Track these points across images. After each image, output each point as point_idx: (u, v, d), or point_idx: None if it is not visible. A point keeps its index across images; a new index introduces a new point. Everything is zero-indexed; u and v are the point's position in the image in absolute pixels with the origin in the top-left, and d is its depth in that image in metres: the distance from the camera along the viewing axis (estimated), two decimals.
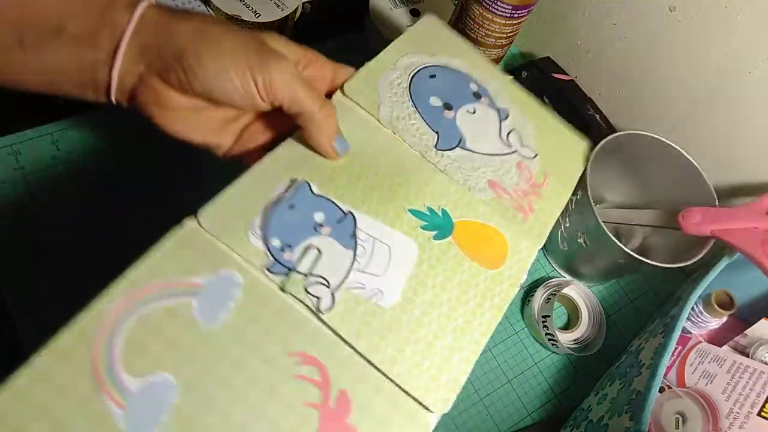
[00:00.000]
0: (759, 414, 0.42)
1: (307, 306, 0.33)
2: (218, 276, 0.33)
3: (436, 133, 0.43)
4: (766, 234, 0.44)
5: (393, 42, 0.47)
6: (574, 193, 0.51)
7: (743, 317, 0.53)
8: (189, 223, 0.34)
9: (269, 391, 0.30)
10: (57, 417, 0.27)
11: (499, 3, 0.50)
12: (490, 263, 0.39)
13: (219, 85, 0.34)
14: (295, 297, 0.33)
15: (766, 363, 0.46)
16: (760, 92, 0.49)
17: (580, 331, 0.55)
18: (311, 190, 0.36)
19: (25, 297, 0.45)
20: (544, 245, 0.58)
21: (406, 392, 0.33)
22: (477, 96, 0.47)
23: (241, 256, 0.33)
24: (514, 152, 0.46)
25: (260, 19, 0.59)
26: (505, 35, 0.54)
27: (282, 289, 0.33)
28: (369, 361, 0.33)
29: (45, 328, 0.45)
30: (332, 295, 0.33)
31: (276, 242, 0.33)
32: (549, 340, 0.52)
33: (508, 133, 0.46)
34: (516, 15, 0.51)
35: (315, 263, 0.33)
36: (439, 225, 0.39)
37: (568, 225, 0.53)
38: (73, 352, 0.28)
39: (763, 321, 0.49)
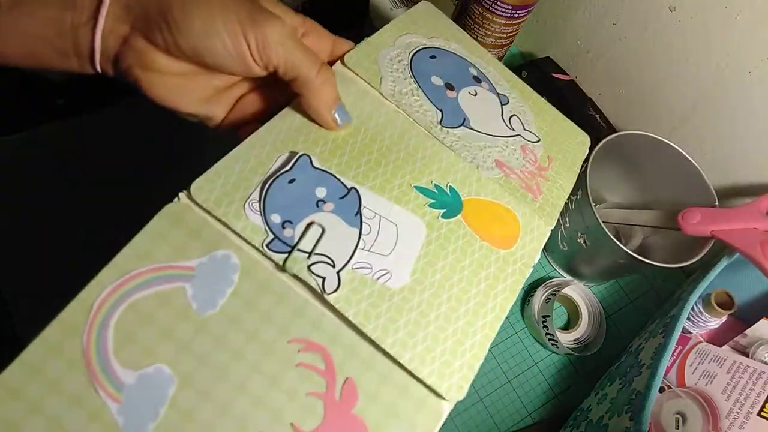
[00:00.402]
0: (759, 414, 0.42)
1: (310, 288, 0.30)
2: (213, 258, 0.31)
3: (440, 110, 0.41)
4: (765, 234, 0.44)
5: (390, 22, 0.45)
6: (574, 193, 0.51)
7: (743, 317, 0.53)
8: (179, 199, 0.32)
9: (271, 381, 0.28)
10: (51, 412, 0.26)
11: (499, 3, 0.50)
12: (502, 243, 0.37)
13: (208, 45, 0.31)
14: (297, 278, 0.30)
15: (766, 363, 0.46)
16: (760, 92, 0.49)
17: (580, 331, 0.55)
18: (312, 164, 0.33)
19: (25, 296, 0.45)
20: (545, 245, 0.58)
21: (419, 379, 0.31)
22: (477, 80, 0.45)
23: (237, 234, 0.31)
24: (517, 135, 0.44)
25: None
26: (505, 35, 0.54)
27: (283, 269, 0.30)
28: (378, 347, 0.31)
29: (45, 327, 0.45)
30: (338, 275, 0.31)
31: (276, 218, 0.31)
32: (549, 340, 0.52)
33: (510, 118, 0.45)
34: (516, 15, 0.51)
35: (318, 241, 0.31)
36: (448, 203, 0.37)
37: (568, 225, 0.53)
38: (63, 345, 0.27)
39: (763, 321, 0.49)
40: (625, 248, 0.47)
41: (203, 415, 0.27)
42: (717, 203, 0.50)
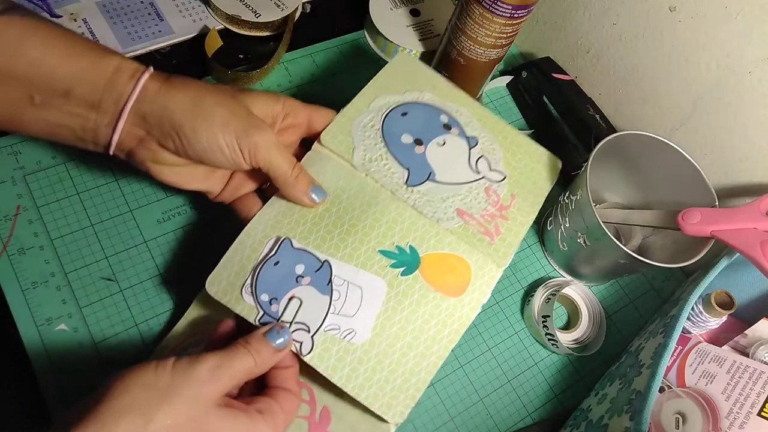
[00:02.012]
0: (759, 414, 0.42)
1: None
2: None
3: (407, 169, 0.47)
4: (765, 234, 0.44)
5: (368, 84, 0.50)
6: (574, 193, 0.51)
7: (743, 317, 0.53)
8: (203, 292, 0.43)
9: None
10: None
11: (499, 3, 0.50)
12: (453, 291, 0.44)
13: (211, 154, 0.39)
14: None
15: (766, 363, 0.46)
16: (760, 92, 0.49)
17: (580, 331, 0.55)
18: (292, 245, 0.42)
19: (26, 296, 0.45)
20: (544, 245, 0.59)
21: (373, 411, 0.41)
22: (447, 127, 0.50)
23: (238, 315, 0.41)
24: (482, 178, 0.49)
25: (260, 19, 0.59)
26: (505, 35, 0.54)
27: None
28: (345, 389, 0.41)
29: (45, 328, 0.45)
30: (312, 338, 0.39)
31: (265, 297, 0.40)
32: (549, 340, 0.52)
33: (477, 160, 0.50)
34: (516, 15, 0.51)
35: (297, 312, 0.40)
36: (407, 261, 0.44)
37: (568, 225, 0.53)
38: None
39: (763, 321, 0.49)
40: (625, 248, 0.47)
41: None
42: (717, 203, 0.50)
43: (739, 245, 0.44)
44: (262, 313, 0.40)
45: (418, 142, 0.49)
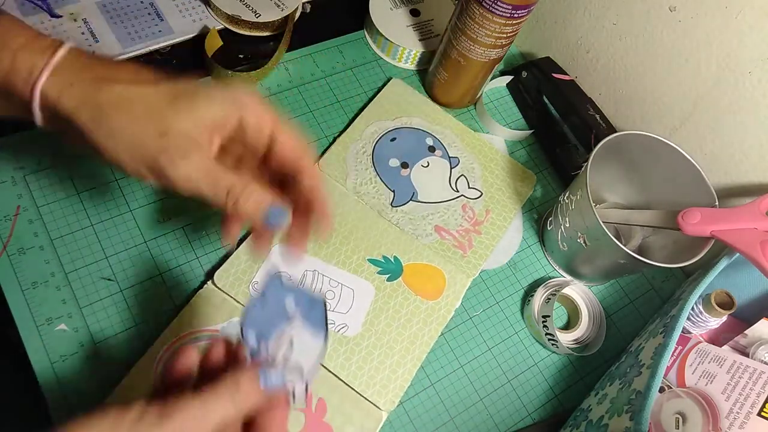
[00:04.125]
0: (759, 414, 0.42)
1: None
2: (230, 323, 0.46)
3: (393, 191, 0.55)
4: (765, 234, 0.44)
5: (362, 112, 0.58)
6: (574, 193, 0.51)
7: (743, 317, 0.53)
8: (207, 285, 0.47)
9: None
10: None
11: (499, 3, 0.50)
12: (430, 296, 0.52)
13: (122, 171, 0.34)
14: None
15: (766, 363, 0.46)
16: (760, 92, 0.49)
17: (580, 331, 0.55)
18: (281, 283, 0.36)
19: (26, 296, 0.45)
20: (544, 245, 0.59)
21: (365, 397, 0.46)
22: (432, 149, 0.58)
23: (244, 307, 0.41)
24: (460, 196, 0.57)
25: (260, 19, 0.59)
26: (505, 35, 0.54)
27: None
28: (338, 377, 0.46)
29: (45, 328, 0.45)
30: (306, 385, 0.34)
31: (252, 337, 0.34)
32: (549, 340, 0.52)
33: (457, 179, 0.58)
34: (516, 15, 0.51)
35: (288, 351, 0.34)
36: (392, 269, 0.52)
37: (568, 225, 0.53)
38: (136, 384, 0.43)
39: (763, 321, 0.49)
40: (625, 248, 0.47)
41: None
42: (717, 203, 0.50)
43: (739, 245, 0.44)
44: (249, 355, 0.34)
45: (404, 165, 0.57)
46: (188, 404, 0.27)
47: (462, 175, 0.58)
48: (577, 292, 0.56)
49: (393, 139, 0.58)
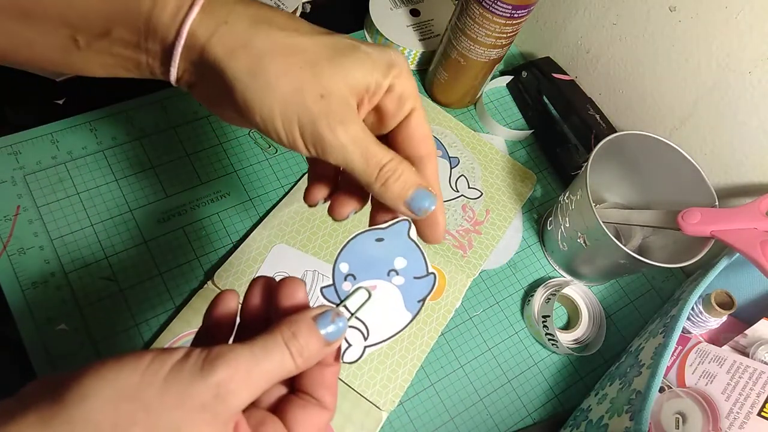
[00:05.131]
0: (759, 414, 0.42)
1: None
2: None
3: None
4: (765, 234, 0.44)
5: None
6: (574, 193, 0.51)
7: (743, 317, 0.53)
8: (207, 285, 0.47)
9: None
10: None
11: (499, 3, 0.50)
12: (432, 296, 0.44)
13: (268, 133, 0.29)
14: None
15: (766, 363, 0.46)
16: (760, 92, 0.49)
17: (580, 331, 0.55)
18: (409, 234, 0.32)
19: (26, 296, 0.45)
20: (544, 245, 0.59)
21: (365, 397, 0.46)
22: None
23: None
24: (460, 196, 0.57)
25: None
26: (505, 35, 0.54)
27: None
28: (339, 378, 0.42)
29: (45, 328, 0.45)
30: (363, 348, 0.32)
31: (344, 267, 0.31)
32: (549, 340, 0.52)
33: (457, 179, 0.57)
34: (516, 15, 0.51)
35: (362, 306, 0.29)
36: None
37: (568, 225, 0.53)
38: None
39: (763, 321, 0.49)
40: (625, 248, 0.47)
41: None
42: (717, 203, 0.50)
43: (739, 245, 0.44)
44: (329, 282, 0.31)
45: None
46: (236, 354, 0.23)
47: (462, 175, 0.58)
48: (577, 292, 0.56)
49: None
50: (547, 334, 0.52)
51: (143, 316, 0.46)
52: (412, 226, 0.30)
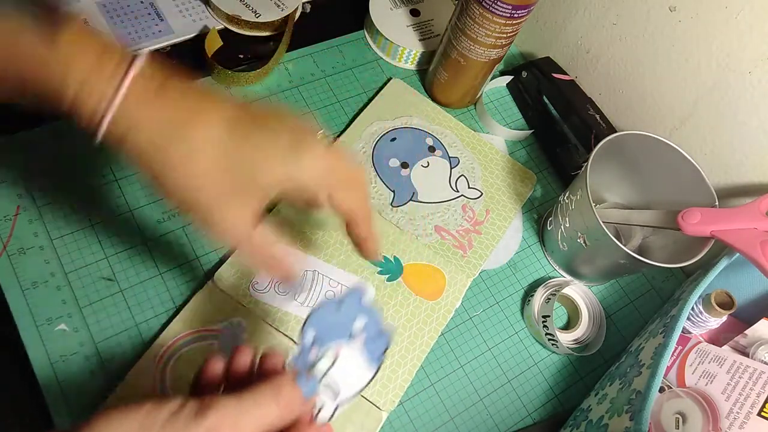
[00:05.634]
0: (759, 414, 0.42)
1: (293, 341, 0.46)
2: (231, 322, 0.46)
3: (393, 191, 0.55)
4: (765, 234, 0.44)
5: (362, 113, 0.58)
6: (574, 193, 0.51)
7: (743, 317, 0.53)
8: (208, 285, 0.47)
9: None
10: None
11: (499, 3, 0.50)
12: (430, 296, 0.51)
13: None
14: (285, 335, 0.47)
15: (766, 363, 0.46)
16: (760, 92, 0.49)
17: (580, 331, 0.55)
18: (361, 300, 0.34)
19: (26, 296, 0.45)
20: (544, 245, 0.59)
21: (365, 397, 0.46)
22: (432, 149, 0.58)
23: (244, 307, 0.46)
24: (460, 196, 0.57)
25: (260, 19, 0.59)
26: (505, 35, 0.54)
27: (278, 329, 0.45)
28: None
29: (45, 327, 0.45)
30: (335, 407, 0.32)
31: (310, 336, 0.33)
32: (549, 340, 0.52)
33: (457, 179, 0.58)
34: (516, 15, 0.51)
35: (330, 368, 0.32)
36: (392, 270, 0.52)
37: (568, 225, 0.53)
38: (138, 383, 0.42)
39: (763, 321, 0.49)
40: (625, 248, 0.47)
41: None
42: (717, 203, 0.50)
43: (739, 245, 0.44)
44: (297, 351, 0.33)
45: (404, 165, 0.57)
46: (225, 403, 0.26)
47: (462, 175, 0.58)
48: (577, 292, 0.56)
49: (393, 139, 0.58)
50: (547, 334, 0.52)
51: (143, 316, 0.46)
52: (366, 293, 0.34)
